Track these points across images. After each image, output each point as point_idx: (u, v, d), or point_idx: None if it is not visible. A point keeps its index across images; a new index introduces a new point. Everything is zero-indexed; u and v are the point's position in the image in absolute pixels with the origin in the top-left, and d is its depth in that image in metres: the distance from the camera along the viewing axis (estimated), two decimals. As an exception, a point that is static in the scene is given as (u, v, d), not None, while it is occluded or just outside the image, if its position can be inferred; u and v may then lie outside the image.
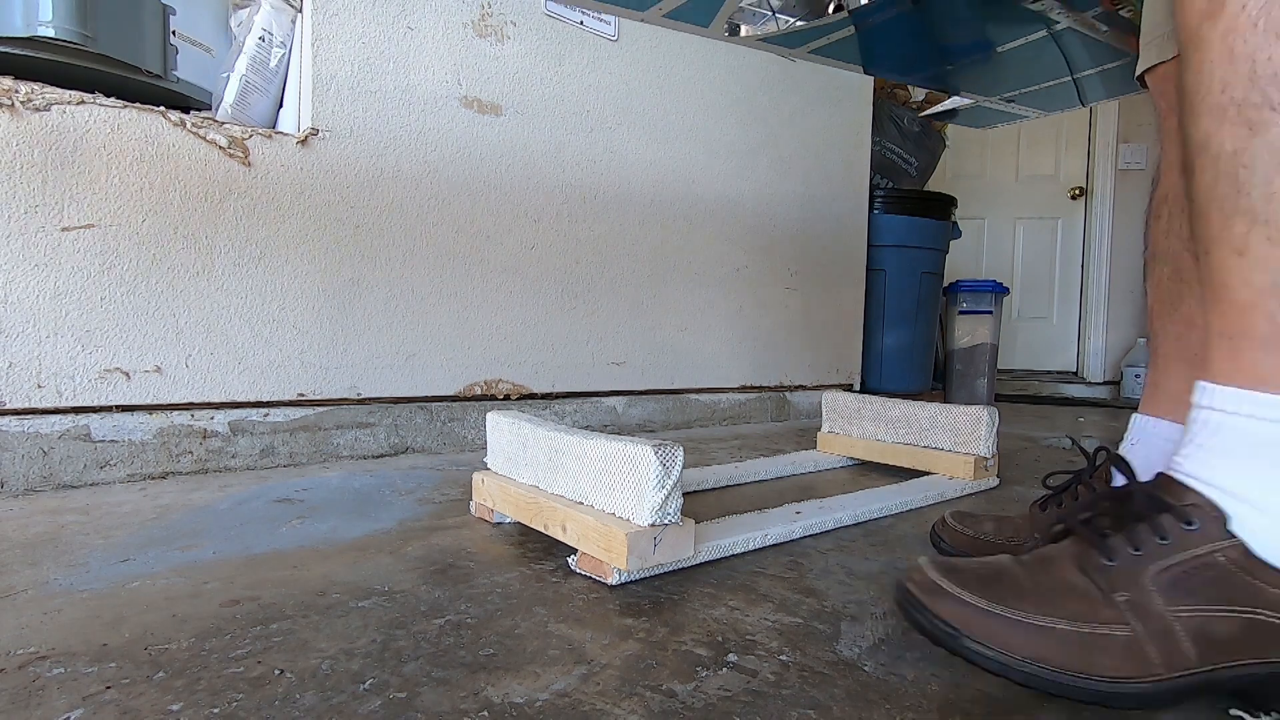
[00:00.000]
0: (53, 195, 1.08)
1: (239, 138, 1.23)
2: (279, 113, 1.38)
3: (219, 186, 1.22)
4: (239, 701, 0.50)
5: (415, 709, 0.50)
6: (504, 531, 0.92)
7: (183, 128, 1.18)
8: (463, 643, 0.60)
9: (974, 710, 0.52)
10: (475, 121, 1.51)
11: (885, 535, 0.94)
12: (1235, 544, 0.48)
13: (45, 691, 0.51)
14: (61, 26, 1.08)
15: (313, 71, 1.31)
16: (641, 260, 1.80)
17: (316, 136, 1.31)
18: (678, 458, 0.75)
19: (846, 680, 0.56)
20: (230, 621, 0.63)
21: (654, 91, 1.80)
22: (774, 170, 2.06)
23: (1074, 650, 0.48)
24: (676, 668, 0.57)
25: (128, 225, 1.14)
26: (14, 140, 1.05)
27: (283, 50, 1.34)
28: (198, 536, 0.87)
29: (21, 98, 1.05)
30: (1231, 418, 0.49)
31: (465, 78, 1.49)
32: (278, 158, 1.27)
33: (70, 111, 1.09)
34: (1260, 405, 0.48)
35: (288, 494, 1.09)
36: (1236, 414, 0.49)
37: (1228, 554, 0.48)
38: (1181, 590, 0.48)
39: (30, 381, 1.07)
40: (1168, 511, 0.50)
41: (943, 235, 2.46)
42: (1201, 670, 0.48)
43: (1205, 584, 0.48)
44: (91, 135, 1.10)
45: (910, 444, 1.32)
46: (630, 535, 0.72)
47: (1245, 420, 0.49)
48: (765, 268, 2.06)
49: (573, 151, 1.66)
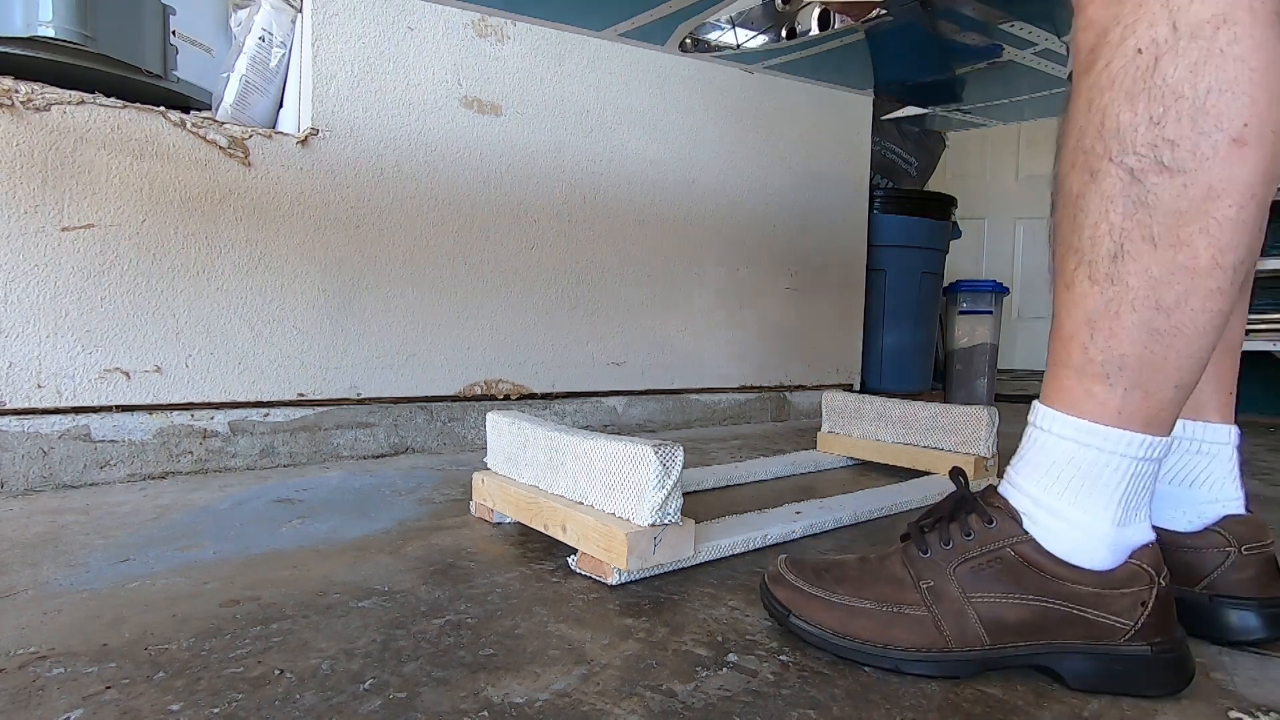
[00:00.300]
0: (53, 195, 1.08)
1: (239, 138, 1.23)
2: (279, 113, 1.38)
3: (219, 186, 1.22)
4: (239, 701, 0.50)
5: (415, 709, 0.50)
6: (504, 531, 0.92)
7: (183, 128, 1.18)
8: (463, 643, 0.60)
9: (974, 710, 0.52)
10: (475, 121, 1.51)
11: (885, 535, 0.94)
12: (1027, 539, 0.55)
13: (45, 691, 0.51)
14: (61, 26, 1.08)
15: (313, 71, 1.31)
16: (641, 260, 1.79)
17: (316, 136, 1.31)
18: (678, 458, 0.75)
19: (846, 680, 0.56)
20: (230, 621, 0.63)
21: (654, 91, 1.80)
22: (774, 170, 2.06)
23: (877, 626, 0.57)
24: (676, 668, 0.57)
25: (128, 225, 1.14)
26: (14, 140, 1.05)
27: (283, 50, 1.34)
28: (198, 536, 0.87)
29: (21, 98, 1.05)
30: (1045, 434, 0.56)
31: (465, 78, 1.49)
32: (278, 158, 1.27)
33: (70, 111, 1.09)
34: (1064, 425, 0.54)
35: (288, 494, 1.09)
36: (1048, 432, 0.55)
37: (1018, 548, 0.55)
38: (978, 579, 0.55)
39: (30, 381, 1.07)
40: (974, 511, 0.58)
41: (943, 235, 2.46)
42: (993, 648, 0.55)
43: (998, 574, 0.55)
44: (91, 135, 1.10)
45: (910, 444, 1.32)
46: (630, 535, 0.72)
47: (1054, 438, 0.55)
48: (765, 267, 2.06)
49: (573, 151, 1.66)
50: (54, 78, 1.08)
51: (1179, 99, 0.47)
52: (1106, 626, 0.53)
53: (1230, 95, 0.47)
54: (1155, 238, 0.49)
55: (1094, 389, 0.53)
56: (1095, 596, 0.53)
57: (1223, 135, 0.47)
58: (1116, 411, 0.52)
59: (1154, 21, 0.48)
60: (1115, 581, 0.53)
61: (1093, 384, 0.53)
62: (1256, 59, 0.47)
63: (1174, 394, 0.52)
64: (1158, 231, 0.49)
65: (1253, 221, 0.49)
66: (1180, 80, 0.47)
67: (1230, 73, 0.46)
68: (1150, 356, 0.51)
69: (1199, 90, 0.47)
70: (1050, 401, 0.56)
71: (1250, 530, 0.65)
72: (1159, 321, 0.50)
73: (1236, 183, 0.48)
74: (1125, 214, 0.50)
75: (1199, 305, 0.50)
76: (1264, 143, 0.47)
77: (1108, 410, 0.53)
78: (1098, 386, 0.53)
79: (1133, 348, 0.51)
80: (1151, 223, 0.49)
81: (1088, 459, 0.53)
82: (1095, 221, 0.52)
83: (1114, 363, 0.52)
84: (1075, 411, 0.54)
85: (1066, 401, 0.55)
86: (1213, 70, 0.47)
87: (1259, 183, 0.48)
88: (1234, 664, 0.60)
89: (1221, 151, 0.47)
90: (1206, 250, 0.49)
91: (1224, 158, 0.47)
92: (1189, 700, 0.54)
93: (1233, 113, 0.47)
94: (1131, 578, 0.53)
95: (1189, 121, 0.47)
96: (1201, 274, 0.49)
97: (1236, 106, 0.47)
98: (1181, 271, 0.49)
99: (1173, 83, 0.48)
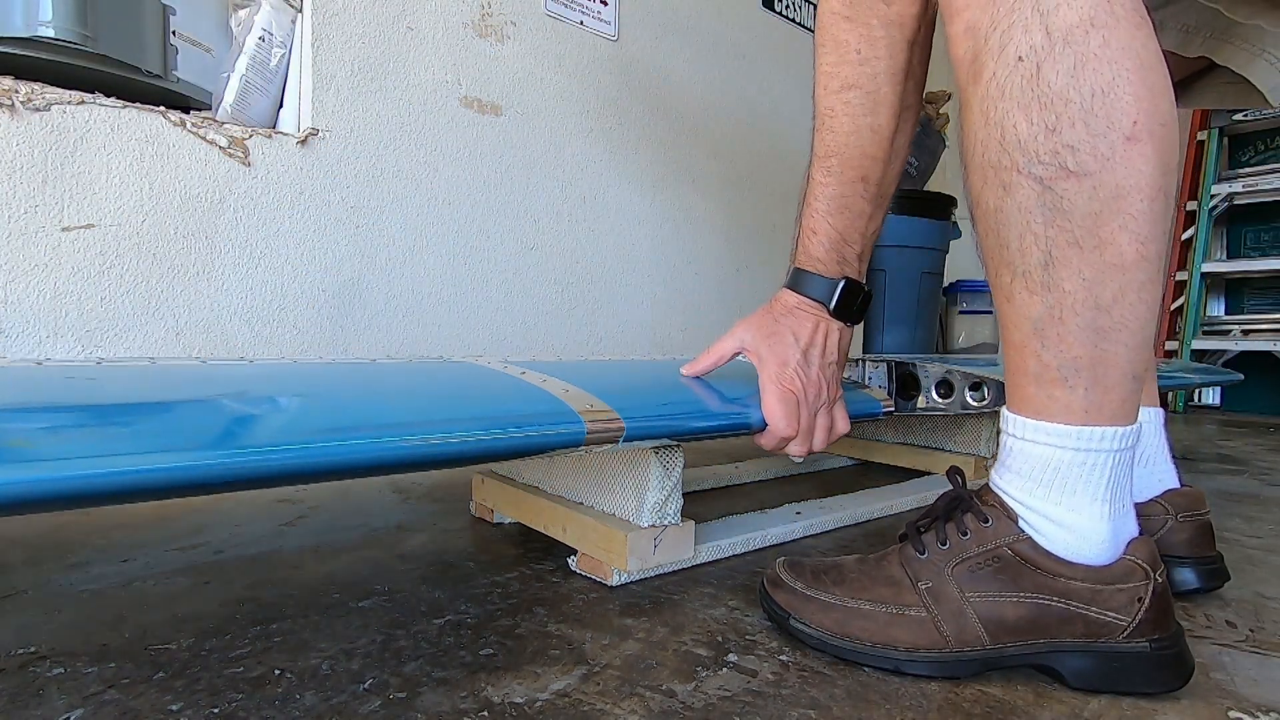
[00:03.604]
0: (53, 195, 1.08)
1: (239, 138, 1.23)
2: (279, 113, 1.38)
3: (219, 186, 1.22)
4: (239, 701, 0.50)
5: (415, 709, 0.50)
6: (504, 531, 0.92)
7: (183, 128, 1.18)
8: (463, 643, 0.60)
9: (974, 710, 0.52)
10: (475, 121, 1.51)
11: (885, 535, 0.94)
12: (1023, 538, 0.55)
13: (45, 691, 0.51)
14: (61, 26, 1.08)
15: (313, 71, 1.31)
16: (641, 260, 1.79)
17: (316, 136, 1.31)
18: (678, 459, 0.75)
19: (846, 680, 0.56)
20: (230, 621, 0.63)
21: (654, 91, 1.80)
22: (775, 169, 2.06)
23: (877, 628, 0.57)
24: (676, 668, 0.57)
25: (128, 225, 1.14)
26: (14, 140, 1.05)
27: (283, 50, 1.34)
28: (198, 536, 0.87)
29: (21, 98, 1.05)
30: (1020, 442, 0.56)
31: (465, 78, 1.49)
32: (278, 158, 1.27)
33: (70, 111, 1.09)
34: (1036, 431, 0.55)
35: (288, 493, 1.09)
36: (1023, 439, 0.56)
37: (1015, 547, 0.55)
38: (976, 578, 0.56)
39: (30, 381, 1.07)
40: (970, 511, 0.58)
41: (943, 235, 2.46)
42: (992, 648, 0.55)
43: (996, 573, 0.55)
44: (91, 135, 1.10)
45: (910, 444, 1.32)
46: (630, 536, 0.72)
47: (1029, 444, 0.56)
48: (766, 268, 2.06)
49: (573, 151, 1.66)
50: (54, 78, 1.08)
51: (1068, 104, 0.48)
52: (1104, 623, 0.53)
53: (1113, 96, 0.47)
54: (1079, 241, 0.50)
55: (1055, 393, 0.53)
56: (1093, 592, 0.53)
57: (1117, 135, 0.48)
58: (1083, 411, 0.53)
59: (1028, 27, 0.49)
60: (1111, 577, 0.53)
61: (1053, 389, 0.54)
62: (1128, 59, 0.47)
63: (1133, 384, 0.53)
64: (1079, 235, 0.50)
65: (1164, 211, 0.50)
66: (1064, 86, 0.48)
67: (1107, 75, 0.47)
68: (1101, 355, 0.52)
69: (1084, 94, 0.48)
70: (1018, 409, 0.56)
71: (1188, 501, 0.73)
72: (1102, 320, 0.51)
73: (1141, 177, 0.48)
74: (1046, 222, 0.51)
75: (1135, 298, 0.51)
76: (1155, 136, 0.48)
77: (1074, 411, 0.53)
78: (1058, 390, 0.53)
79: (1083, 349, 0.52)
80: (1072, 227, 0.50)
81: (1066, 460, 0.54)
82: (1020, 234, 0.52)
83: (1069, 365, 0.52)
84: (1044, 416, 0.54)
85: (1033, 408, 0.55)
86: (1090, 74, 0.47)
87: (1159, 174, 0.49)
88: (1234, 664, 0.60)
89: (1119, 150, 0.48)
90: (1130, 245, 0.50)
91: (1123, 156, 0.48)
92: (1189, 700, 0.54)
93: (1119, 112, 0.47)
94: (1127, 573, 0.53)
95: (1082, 125, 0.48)
96: (1130, 269, 0.50)
97: (1122, 106, 0.47)
98: (1111, 269, 0.50)
99: (1058, 89, 0.48)
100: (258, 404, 0.51)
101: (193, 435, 0.43)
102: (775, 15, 2.09)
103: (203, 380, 0.56)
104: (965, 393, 1.05)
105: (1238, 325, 2.78)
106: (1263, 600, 0.74)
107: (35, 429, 0.40)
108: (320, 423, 0.49)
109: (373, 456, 0.48)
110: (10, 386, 0.49)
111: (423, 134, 1.44)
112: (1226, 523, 1.05)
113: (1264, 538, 0.98)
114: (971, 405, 1.05)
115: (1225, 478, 1.42)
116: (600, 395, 0.65)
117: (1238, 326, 2.77)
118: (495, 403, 0.62)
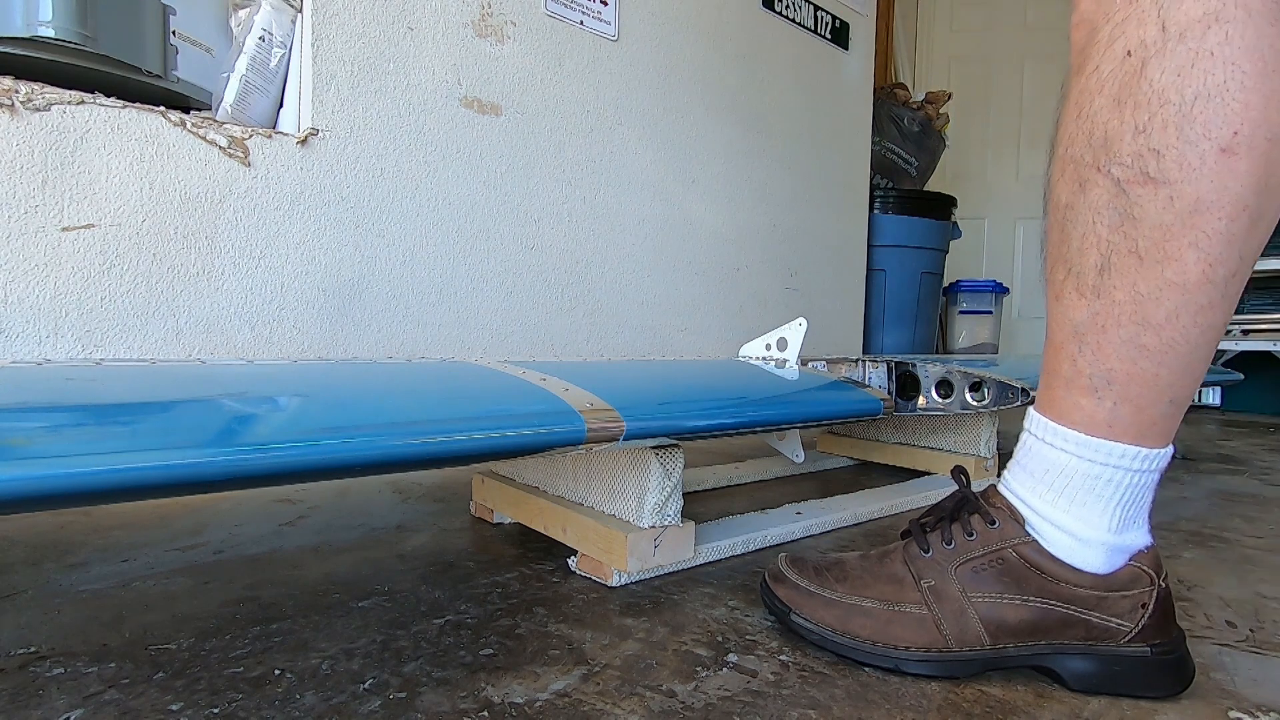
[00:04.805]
0: (53, 195, 1.08)
1: (239, 138, 1.23)
2: (279, 113, 1.38)
3: (219, 186, 1.22)
4: (239, 701, 0.50)
5: (415, 709, 0.50)
6: (504, 531, 0.92)
7: (183, 128, 1.18)
8: (463, 643, 0.60)
9: (974, 710, 0.52)
10: (475, 121, 1.51)
11: (885, 535, 0.94)
12: (1029, 541, 0.54)
13: (45, 691, 0.51)
14: (61, 26, 1.08)
15: (313, 71, 1.31)
16: (641, 260, 1.80)
17: (316, 136, 1.31)
18: (678, 459, 0.75)
19: (847, 680, 0.56)
20: (230, 621, 0.63)
21: (654, 91, 1.80)
22: (775, 170, 2.06)
23: (878, 625, 0.57)
24: (676, 668, 0.57)
25: (128, 225, 1.14)
26: (14, 140, 1.05)
27: (283, 50, 1.34)
28: (197, 536, 0.87)
29: (21, 98, 1.05)
30: (1039, 443, 0.55)
31: (465, 78, 1.49)
32: (278, 158, 1.27)
33: (70, 111, 1.09)
34: (1055, 435, 0.54)
35: (288, 493, 1.09)
36: (1042, 440, 0.55)
37: (1019, 550, 0.55)
38: (980, 579, 0.55)
39: (30, 381, 1.07)
40: (977, 512, 0.58)
41: (943, 235, 2.46)
42: (993, 649, 0.55)
43: (999, 575, 0.55)
44: (91, 135, 1.10)
45: (910, 444, 1.32)
46: (630, 537, 0.72)
47: (1046, 447, 0.55)
48: (765, 267, 2.06)
49: (573, 151, 1.66)
50: (54, 78, 1.08)
51: (1164, 105, 0.45)
52: (1107, 628, 0.53)
53: (1219, 101, 0.44)
54: (1142, 252, 0.48)
55: (1081, 401, 0.52)
56: (1096, 599, 0.53)
57: (1210, 145, 0.44)
58: (1106, 424, 0.52)
59: (1144, 21, 0.46)
60: (1116, 584, 0.53)
61: (1080, 396, 0.52)
62: (1249, 62, 0.43)
63: (1168, 408, 0.51)
64: (1144, 246, 0.48)
65: (1245, 234, 0.46)
66: (1166, 85, 0.45)
67: (1219, 77, 0.44)
68: (1139, 372, 0.50)
69: (1185, 96, 0.44)
70: (1044, 410, 0.56)
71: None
72: (1147, 338, 0.49)
73: (1226, 195, 0.45)
74: (1112, 227, 0.49)
75: (1190, 321, 0.48)
76: (1255, 152, 0.44)
77: (1097, 422, 0.52)
78: (1085, 399, 0.52)
79: (1120, 363, 0.50)
80: (1138, 236, 0.48)
81: (1080, 469, 0.53)
82: (1083, 233, 0.50)
83: (1101, 376, 0.51)
84: (1066, 422, 0.53)
85: (1058, 411, 0.54)
86: (1199, 74, 0.44)
87: (1251, 194, 0.45)
88: (1234, 664, 0.60)
89: (1210, 161, 0.44)
90: (1196, 265, 0.47)
91: (1212, 168, 0.44)
92: (1189, 700, 0.54)
93: (1221, 120, 0.44)
94: (1132, 580, 0.53)
95: (1175, 130, 0.45)
96: (1192, 289, 0.47)
97: (1226, 114, 0.44)
98: (1170, 287, 0.47)
99: (1159, 87, 0.45)
100: (257, 403, 0.51)
101: (192, 433, 0.43)
102: (775, 15, 2.09)
103: (203, 380, 0.56)
104: (965, 393, 1.05)
105: (1237, 325, 2.78)
106: (1263, 600, 0.74)
107: (35, 428, 0.40)
108: (320, 422, 0.49)
109: (373, 456, 0.48)
110: (10, 386, 0.49)
111: (423, 134, 1.44)
112: (1227, 522, 1.05)
113: (1264, 538, 0.98)
114: (971, 405, 1.05)
115: (1225, 477, 1.42)
116: (600, 394, 0.65)
117: (1237, 326, 2.77)
118: (495, 402, 0.62)
